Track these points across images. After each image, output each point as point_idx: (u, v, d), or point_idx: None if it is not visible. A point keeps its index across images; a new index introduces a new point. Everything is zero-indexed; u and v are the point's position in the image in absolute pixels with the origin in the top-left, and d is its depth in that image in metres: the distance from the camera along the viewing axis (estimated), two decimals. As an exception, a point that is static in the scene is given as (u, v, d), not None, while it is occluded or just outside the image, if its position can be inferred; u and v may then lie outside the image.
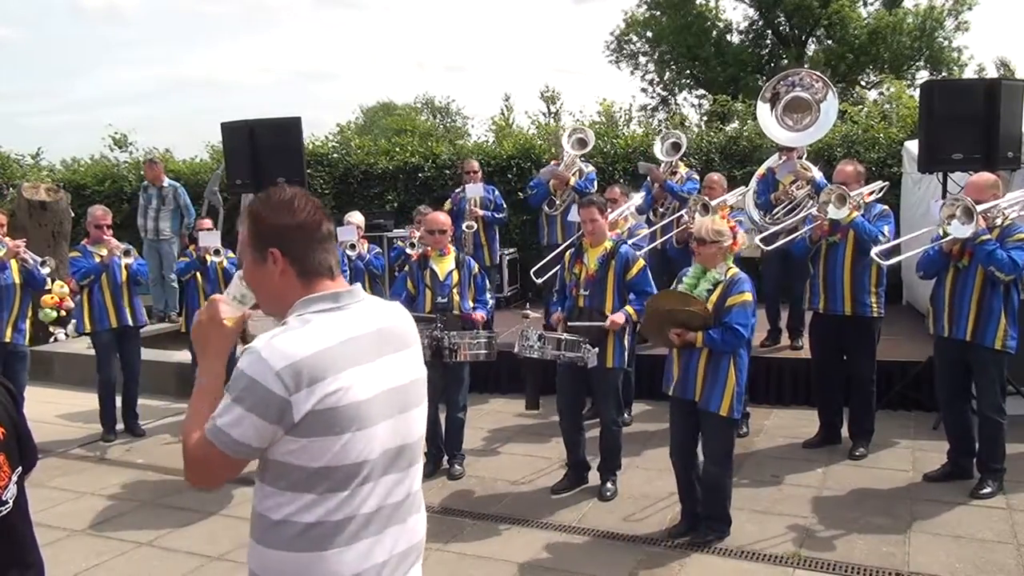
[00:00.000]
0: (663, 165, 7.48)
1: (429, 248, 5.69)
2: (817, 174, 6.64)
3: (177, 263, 7.07)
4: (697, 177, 7.53)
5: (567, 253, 5.32)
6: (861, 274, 5.35)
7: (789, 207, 6.71)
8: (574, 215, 6.77)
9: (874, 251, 5.18)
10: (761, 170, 7.23)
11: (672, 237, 6.85)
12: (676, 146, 7.56)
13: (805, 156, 6.97)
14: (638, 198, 7.33)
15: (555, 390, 5.26)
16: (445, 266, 5.59)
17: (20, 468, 2.00)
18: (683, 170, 7.54)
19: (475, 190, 8.06)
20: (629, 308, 4.93)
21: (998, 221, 4.70)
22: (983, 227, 4.60)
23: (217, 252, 6.84)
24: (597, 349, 4.83)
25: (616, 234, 5.58)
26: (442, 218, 5.72)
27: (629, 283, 4.97)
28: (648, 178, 7.57)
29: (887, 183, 5.98)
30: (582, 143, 7.91)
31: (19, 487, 1.98)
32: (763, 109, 6.96)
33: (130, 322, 6.62)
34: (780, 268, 6.97)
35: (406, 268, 5.95)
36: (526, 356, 5.05)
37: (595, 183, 7.84)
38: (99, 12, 73.46)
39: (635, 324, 5.08)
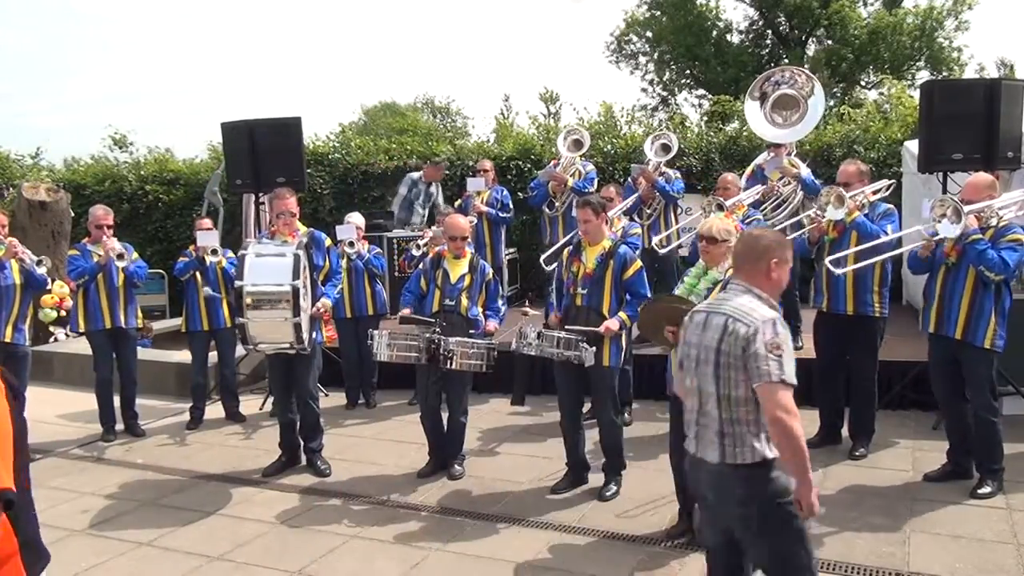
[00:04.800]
0: (651, 164, 7.47)
1: (445, 249, 5.66)
2: (804, 171, 6.63)
3: (176, 263, 7.08)
4: (681, 177, 7.66)
5: (565, 250, 5.30)
6: (864, 273, 5.33)
7: (776, 203, 6.72)
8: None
9: (827, 259, 5.17)
10: (750, 168, 7.25)
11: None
12: (666, 147, 7.55)
13: (795, 153, 6.99)
14: (632, 199, 7.32)
15: (543, 389, 5.24)
16: (458, 269, 5.53)
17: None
18: (670, 171, 7.57)
19: (476, 184, 8.04)
20: (623, 314, 4.93)
21: (992, 221, 4.70)
22: (974, 227, 4.60)
23: (215, 252, 6.83)
24: (595, 348, 4.83)
25: (613, 233, 5.57)
26: (462, 223, 5.65)
27: (625, 283, 4.96)
28: (631, 179, 7.59)
29: (893, 181, 5.97)
30: (578, 144, 7.91)
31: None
32: (751, 107, 6.98)
33: (124, 324, 6.61)
34: None
35: (420, 266, 5.91)
36: (522, 353, 5.05)
37: (595, 182, 7.83)
38: (97, 12, 73.53)
39: (630, 328, 5.08)
